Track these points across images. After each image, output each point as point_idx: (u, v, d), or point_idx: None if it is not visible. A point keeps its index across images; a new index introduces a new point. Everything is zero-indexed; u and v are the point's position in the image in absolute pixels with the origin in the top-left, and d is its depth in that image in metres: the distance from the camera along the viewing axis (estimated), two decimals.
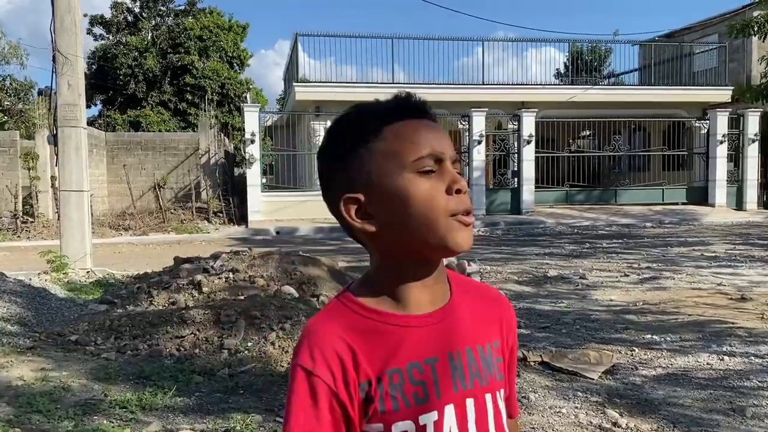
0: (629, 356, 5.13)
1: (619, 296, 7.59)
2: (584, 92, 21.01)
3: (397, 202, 0.88)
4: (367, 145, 0.89)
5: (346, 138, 0.91)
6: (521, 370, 4.72)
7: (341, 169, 0.91)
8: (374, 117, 0.91)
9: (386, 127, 0.90)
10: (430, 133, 0.91)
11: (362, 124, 0.91)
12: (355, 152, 0.90)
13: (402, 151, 0.88)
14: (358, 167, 0.90)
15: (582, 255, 11.38)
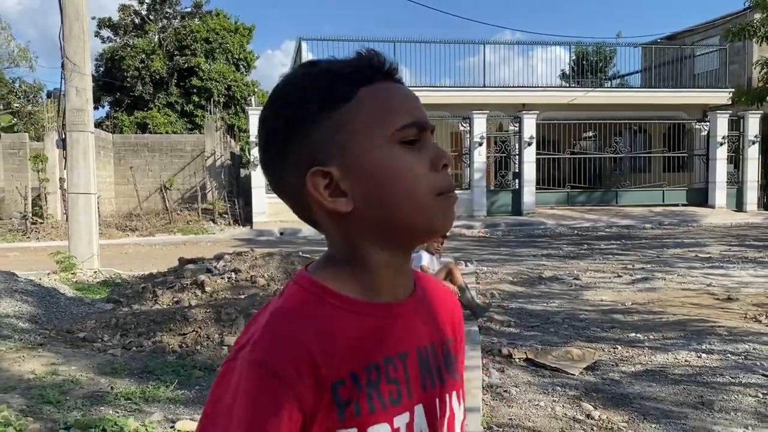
0: (611, 353, 5.36)
1: (610, 296, 7.80)
2: (585, 94, 21.20)
3: (379, 178, 0.76)
4: (337, 112, 0.76)
5: (306, 102, 0.77)
6: (506, 367, 4.97)
7: (301, 140, 0.77)
8: (343, 78, 0.77)
9: (361, 90, 0.77)
10: (410, 98, 0.80)
11: (329, 85, 0.77)
12: (320, 120, 0.76)
13: (383, 118, 0.77)
14: (326, 137, 0.76)
15: (579, 256, 11.59)
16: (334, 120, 0.76)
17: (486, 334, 5.98)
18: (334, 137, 0.76)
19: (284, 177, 0.80)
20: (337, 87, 0.77)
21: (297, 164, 0.77)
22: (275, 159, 0.80)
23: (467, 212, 18.92)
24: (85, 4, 9.45)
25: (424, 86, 20.97)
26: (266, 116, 0.81)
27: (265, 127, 0.80)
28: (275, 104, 0.80)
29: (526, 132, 19.30)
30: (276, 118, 0.79)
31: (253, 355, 0.71)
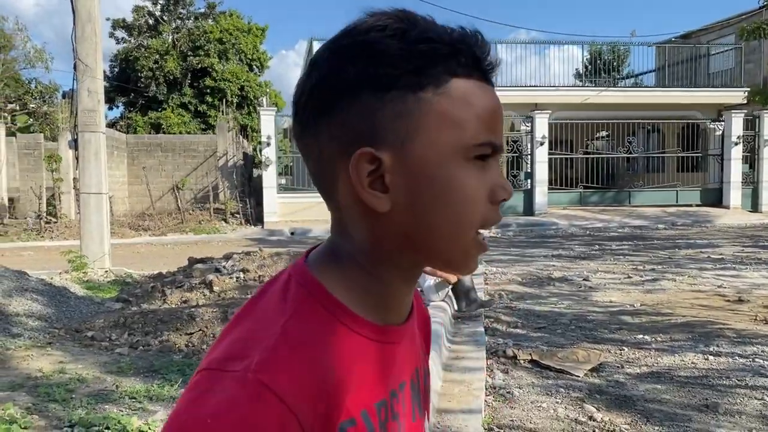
0: (617, 355, 5.33)
1: (619, 298, 7.75)
2: (599, 94, 21.07)
3: (435, 189, 0.63)
4: (415, 95, 0.62)
5: (389, 67, 0.61)
6: (511, 368, 4.96)
7: (359, 107, 0.62)
8: (440, 58, 0.62)
9: (454, 81, 0.63)
10: (498, 112, 0.67)
11: (422, 60, 0.61)
12: (393, 95, 0.61)
13: (465, 124, 0.63)
14: (389, 118, 0.62)
15: (589, 257, 11.53)
16: (408, 103, 0.62)
17: (492, 335, 5.97)
18: (400, 123, 0.62)
19: (319, 139, 0.64)
20: (431, 67, 0.62)
21: (341, 132, 0.63)
22: (315, 113, 0.64)
23: None
24: (97, 6, 9.54)
25: None
26: (329, 58, 0.64)
27: (320, 70, 0.64)
28: (349, 49, 0.62)
29: (538, 131, 19.24)
30: (342, 65, 0.62)
31: (265, 378, 0.57)
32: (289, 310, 0.62)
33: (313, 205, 18.08)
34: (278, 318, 0.62)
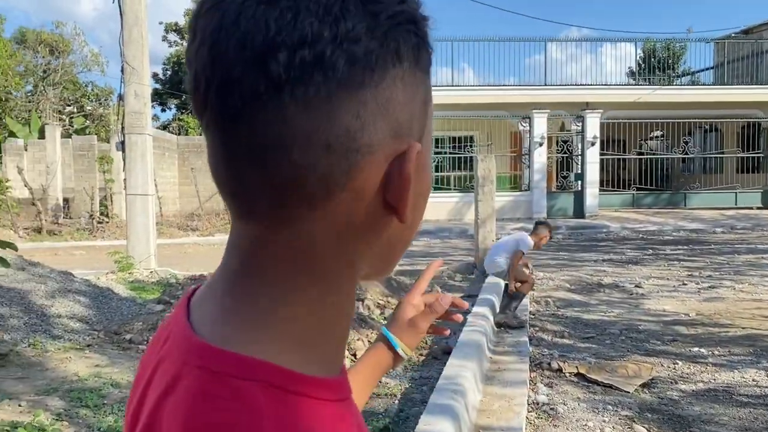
0: (671, 370, 5.03)
1: (673, 306, 7.38)
2: (653, 92, 20.37)
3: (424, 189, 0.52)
4: (427, 77, 0.50)
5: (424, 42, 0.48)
6: (555, 382, 4.71)
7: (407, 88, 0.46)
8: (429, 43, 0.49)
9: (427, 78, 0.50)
10: None
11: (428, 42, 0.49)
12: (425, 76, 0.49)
13: (431, 129, 0.52)
14: (422, 103, 0.49)
15: (642, 262, 11.09)
16: (427, 88, 0.49)
17: (537, 345, 5.72)
18: (423, 111, 0.49)
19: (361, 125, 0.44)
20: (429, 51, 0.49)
21: (385, 119, 0.45)
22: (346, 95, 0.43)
23: (526, 215, 18.50)
24: (144, 10, 9.64)
25: (483, 86, 20.64)
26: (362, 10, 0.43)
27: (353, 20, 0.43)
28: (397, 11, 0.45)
29: (589, 131, 18.71)
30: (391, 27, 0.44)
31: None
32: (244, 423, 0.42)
33: None
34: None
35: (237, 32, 0.42)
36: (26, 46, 31.56)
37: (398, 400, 4.27)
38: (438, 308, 0.96)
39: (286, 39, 0.41)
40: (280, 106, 0.42)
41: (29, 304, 5.86)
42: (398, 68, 0.45)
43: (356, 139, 0.44)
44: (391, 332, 0.94)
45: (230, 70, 0.42)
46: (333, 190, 0.44)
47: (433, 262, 1.06)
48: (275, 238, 0.46)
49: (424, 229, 16.58)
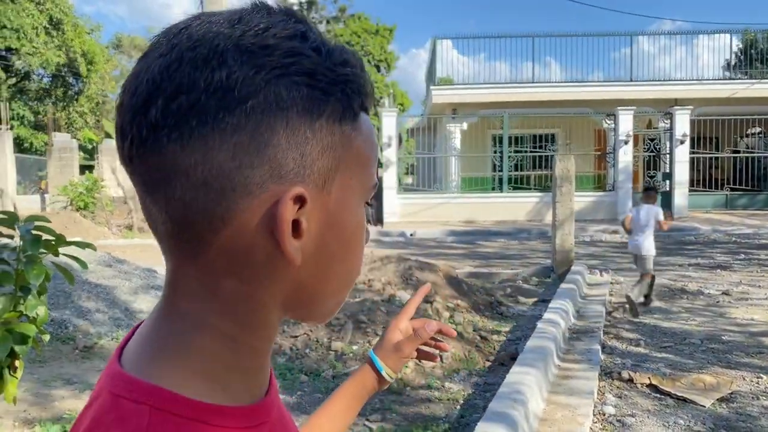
0: (753, 384, 4.74)
1: (763, 316, 6.95)
2: (750, 87, 19.23)
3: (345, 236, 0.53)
4: (342, 127, 0.51)
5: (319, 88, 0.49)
6: (626, 392, 4.55)
7: (292, 134, 0.48)
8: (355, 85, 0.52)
9: (362, 114, 0.53)
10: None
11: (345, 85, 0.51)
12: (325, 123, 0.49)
13: (370, 163, 0.55)
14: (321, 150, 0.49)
15: (732, 267, 10.50)
16: (334, 135, 0.50)
17: (609, 353, 5.54)
18: (324, 160, 0.49)
19: (209, 161, 0.46)
20: (351, 96, 0.51)
21: (257, 160, 0.46)
22: (211, 125, 0.45)
23: (610, 216, 17.90)
24: None
25: (565, 82, 20.12)
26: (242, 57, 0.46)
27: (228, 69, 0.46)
28: (275, 53, 0.47)
29: (678, 129, 17.89)
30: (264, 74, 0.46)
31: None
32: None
33: (432, 206, 18.01)
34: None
35: (135, 83, 0.47)
36: (122, 51, 33.36)
37: (460, 406, 4.24)
38: (423, 334, 0.97)
39: (165, 88, 0.45)
40: (160, 147, 0.46)
41: (114, 299, 6.20)
42: (280, 116, 0.47)
43: (232, 178, 0.46)
44: (377, 355, 0.96)
45: (124, 116, 0.48)
46: (217, 226, 0.47)
47: (423, 287, 1.06)
48: (185, 273, 0.50)
49: (502, 231, 16.35)
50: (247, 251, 0.49)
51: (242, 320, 0.51)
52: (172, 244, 0.50)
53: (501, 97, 19.06)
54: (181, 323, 0.50)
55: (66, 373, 4.57)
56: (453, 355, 5.14)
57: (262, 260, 0.49)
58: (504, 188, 19.03)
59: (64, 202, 16.50)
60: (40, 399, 4.00)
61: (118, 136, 0.49)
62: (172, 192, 0.47)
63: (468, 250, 13.14)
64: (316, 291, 0.54)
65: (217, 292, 0.50)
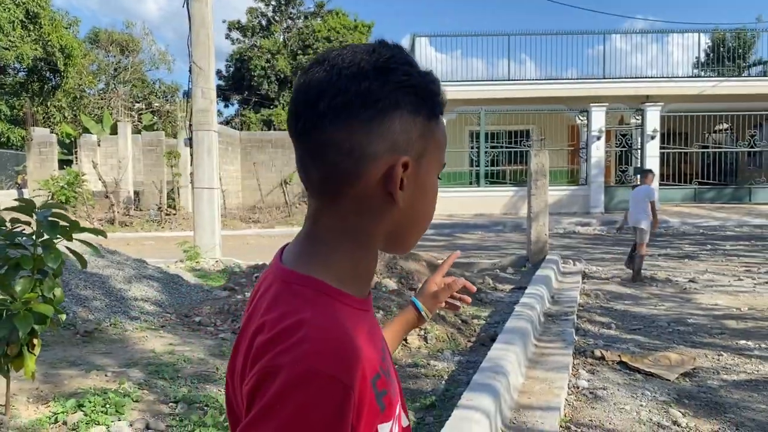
0: (714, 361, 5.14)
1: (726, 301, 7.39)
2: (718, 84, 19.85)
3: (428, 194, 0.82)
4: (429, 122, 0.80)
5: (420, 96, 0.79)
6: (598, 369, 4.90)
7: (402, 123, 0.77)
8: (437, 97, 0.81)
9: (440, 117, 0.83)
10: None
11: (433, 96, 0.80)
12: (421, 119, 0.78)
13: (442, 149, 0.83)
14: (418, 136, 0.78)
15: (699, 257, 11.00)
16: (428, 127, 0.79)
17: (583, 335, 5.90)
18: (421, 142, 0.78)
19: (354, 137, 0.75)
20: (436, 103, 0.80)
21: (380, 139, 0.75)
22: (355, 115, 0.74)
23: (583, 209, 18.41)
24: (210, 12, 10.16)
25: (540, 79, 20.54)
26: (377, 75, 0.76)
27: (369, 81, 0.75)
28: (395, 74, 0.77)
29: (648, 125, 18.44)
30: (389, 86, 0.76)
31: (321, 366, 0.68)
32: (306, 305, 0.74)
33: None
34: (303, 311, 0.73)
35: (306, 87, 0.78)
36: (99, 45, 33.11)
37: (445, 381, 4.55)
38: (454, 286, 1.33)
39: (330, 90, 0.75)
40: (324, 128, 0.76)
41: (109, 287, 6.41)
42: (397, 112, 0.77)
43: (365, 149, 0.75)
44: (419, 299, 1.34)
45: (298, 105, 0.78)
46: (353, 181, 0.76)
47: (453, 253, 1.44)
48: (326, 211, 0.80)
49: (479, 223, 16.74)
50: (369, 199, 0.77)
51: (362, 244, 0.80)
52: (319, 192, 0.79)
53: (478, 94, 19.42)
54: (321, 245, 0.80)
55: (70, 356, 4.78)
56: (437, 336, 5.46)
57: (378, 205, 0.78)
58: (481, 183, 19.43)
59: (46, 196, 16.51)
60: (49, 378, 4.22)
61: (291, 118, 0.78)
62: (326, 157, 0.76)
63: (448, 242, 13.48)
64: (406, 229, 0.82)
65: (347, 225, 0.79)
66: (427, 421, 3.82)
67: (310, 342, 0.69)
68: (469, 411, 3.33)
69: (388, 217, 0.79)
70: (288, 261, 0.81)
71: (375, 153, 0.75)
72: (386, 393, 0.78)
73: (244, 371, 0.74)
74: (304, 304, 0.74)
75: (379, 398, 0.75)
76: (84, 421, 3.45)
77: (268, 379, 0.68)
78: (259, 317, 0.76)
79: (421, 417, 3.86)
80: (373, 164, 0.75)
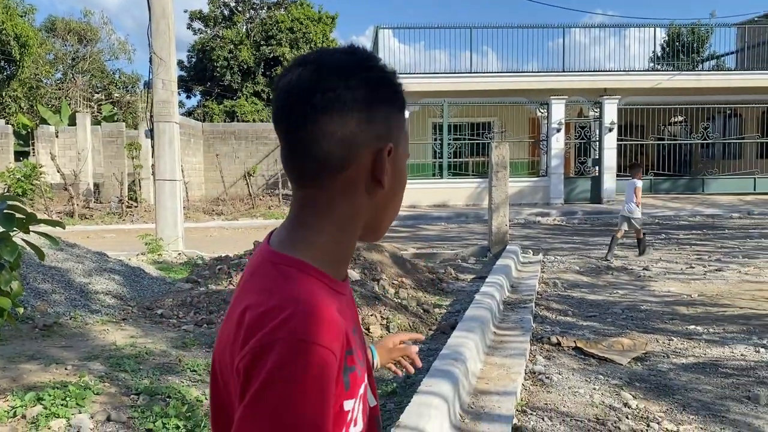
0: (665, 345, 5.34)
1: (677, 288, 7.65)
2: (672, 78, 20.35)
3: (401, 178, 0.91)
4: (403, 115, 0.91)
5: (397, 93, 0.90)
6: (554, 355, 5.06)
7: (387, 115, 0.87)
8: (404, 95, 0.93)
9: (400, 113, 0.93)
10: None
11: (403, 92, 0.92)
12: (399, 112, 0.90)
13: (407, 138, 0.94)
14: (397, 126, 0.89)
15: (653, 246, 11.30)
16: (401, 118, 0.90)
17: (540, 322, 6.06)
18: (398, 131, 0.89)
19: (345, 127, 0.83)
20: (405, 99, 0.92)
21: (368, 128, 0.84)
22: (346, 108, 0.83)
23: (543, 200, 18.73)
24: (171, 2, 10.04)
25: (502, 72, 20.77)
26: (364, 75, 0.86)
27: (357, 80, 0.84)
28: (378, 75, 0.88)
29: (606, 117, 18.83)
30: (374, 85, 0.86)
31: (311, 338, 0.75)
32: (292, 284, 0.81)
33: None
34: (290, 289, 0.80)
35: (297, 84, 0.85)
36: (56, 34, 32.29)
37: None
38: (407, 351, 1.51)
39: (322, 85, 0.83)
40: (316, 120, 0.83)
41: (69, 281, 6.34)
42: (380, 105, 0.87)
43: (355, 138, 0.84)
44: (375, 348, 1.46)
45: (290, 99, 0.85)
46: (344, 166, 0.85)
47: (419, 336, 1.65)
48: (312, 196, 0.87)
49: (442, 215, 16.91)
50: (357, 183, 0.86)
51: (345, 229, 0.88)
52: (310, 178, 0.86)
53: (441, 86, 19.57)
54: (305, 226, 0.88)
55: (29, 350, 4.73)
56: (399, 325, 5.55)
57: (362, 191, 0.87)
58: (444, 174, 19.60)
59: (1, 189, 16.11)
60: (7, 373, 4.18)
61: (281, 113, 0.85)
62: (320, 147, 0.84)
63: (411, 233, 13.60)
64: (383, 214, 0.91)
65: (334, 210, 0.87)
66: (388, 407, 3.91)
67: (299, 316, 0.76)
68: (428, 396, 3.42)
69: (369, 202, 0.88)
70: (275, 244, 0.89)
71: (364, 141, 0.84)
72: (354, 370, 0.84)
73: (234, 347, 0.79)
74: (291, 283, 0.81)
75: (345, 373, 0.81)
76: (44, 414, 3.45)
77: (264, 352, 0.74)
78: (248, 296, 0.83)
79: (382, 404, 3.95)
80: (364, 151, 0.84)
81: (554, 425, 3.68)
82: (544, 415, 3.81)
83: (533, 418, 3.77)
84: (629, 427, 3.67)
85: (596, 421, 3.75)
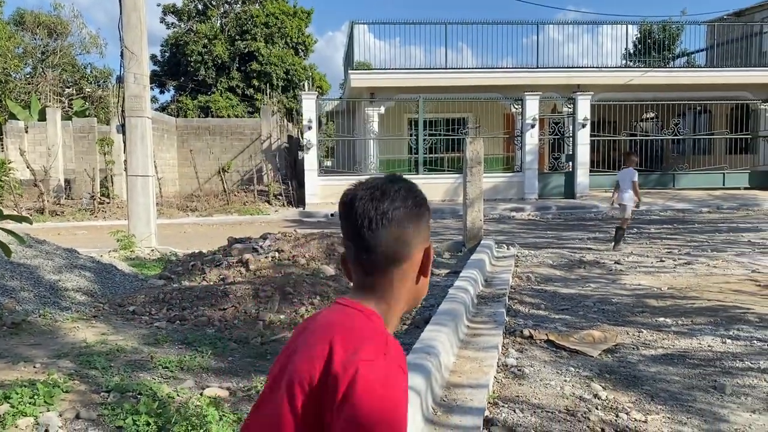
0: (635, 337, 5.42)
1: (648, 281, 7.77)
2: (644, 74, 20.63)
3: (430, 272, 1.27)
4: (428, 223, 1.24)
5: (429, 210, 1.24)
6: (526, 348, 5.11)
7: (426, 227, 1.21)
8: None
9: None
10: None
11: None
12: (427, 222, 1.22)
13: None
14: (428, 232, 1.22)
15: (625, 240, 11.45)
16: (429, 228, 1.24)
17: (513, 316, 6.12)
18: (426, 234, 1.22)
19: (413, 235, 1.17)
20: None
21: (420, 236, 1.19)
22: (415, 223, 1.17)
23: (518, 195, 18.86)
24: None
25: (476, 68, 20.87)
26: (420, 204, 1.21)
27: (419, 207, 1.20)
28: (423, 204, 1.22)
29: (580, 113, 19.02)
30: (422, 210, 1.21)
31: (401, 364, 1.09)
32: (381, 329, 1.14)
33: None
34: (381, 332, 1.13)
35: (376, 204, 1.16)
36: (25, 28, 31.68)
37: None
38: None
39: (392, 206, 1.16)
40: (388, 227, 1.15)
41: (38, 278, 6.24)
42: (424, 218, 1.21)
43: (411, 240, 1.17)
44: None
45: (373, 215, 1.15)
46: (400, 261, 1.17)
47: None
48: (378, 282, 1.18)
49: None
50: (409, 275, 1.19)
51: (393, 309, 1.20)
52: (374, 269, 1.17)
53: (416, 81, 19.60)
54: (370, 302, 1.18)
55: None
56: None
57: (412, 278, 1.20)
58: (420, 170, 19.64)
59: None
60: None
61: (363, 221, 1.15)
62: (386, 245, 1.15)
63: None
64: (420, 294, 1.25)
65: (390, 293, 1.19)
66: None
67: (393, 348, 1.09)
68: None
69: (413, 289, 1.21)
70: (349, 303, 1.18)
71: (416, 241, 1.18)
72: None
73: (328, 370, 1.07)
74: (377, 324, 1.15)
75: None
76: (11, 413, 3.39)
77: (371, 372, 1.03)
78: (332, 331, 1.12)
79: None
80: (416, 249, 1.18)
81: (525, 417, 3.73)
82: (515, 407, 3.85)
83: (505, 410, 3.81)
84: (599, 417, 3.73)
85: (567, 412, 3.80)
